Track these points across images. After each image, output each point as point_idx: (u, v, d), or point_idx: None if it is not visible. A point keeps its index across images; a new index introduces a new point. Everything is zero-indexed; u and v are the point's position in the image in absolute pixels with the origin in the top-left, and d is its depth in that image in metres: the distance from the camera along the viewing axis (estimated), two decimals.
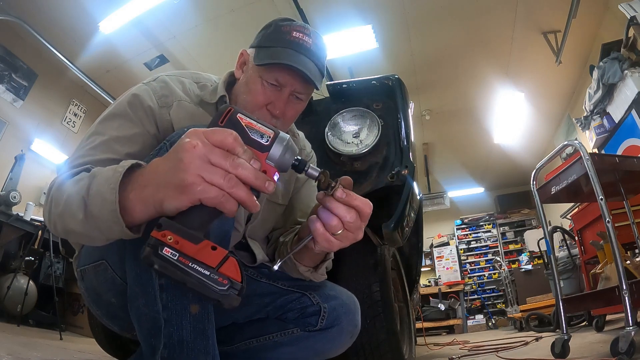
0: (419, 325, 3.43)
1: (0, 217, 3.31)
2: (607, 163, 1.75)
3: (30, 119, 4.52)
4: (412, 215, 1.36)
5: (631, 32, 3.39)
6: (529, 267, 5.84)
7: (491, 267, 8.09)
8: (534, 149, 6.56)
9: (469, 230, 8.75)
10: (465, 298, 6.79)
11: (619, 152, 3.62)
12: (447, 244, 8.17)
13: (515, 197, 8.52)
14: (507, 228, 8.51)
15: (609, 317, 2.79)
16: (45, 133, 4.69)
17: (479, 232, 8.66)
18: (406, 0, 4.14)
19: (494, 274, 7.90)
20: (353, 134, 1.43)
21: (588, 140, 4.24)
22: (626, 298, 1.42)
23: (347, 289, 0.96)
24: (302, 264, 0.81)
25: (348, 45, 4.44)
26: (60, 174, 0.68)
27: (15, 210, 3.48)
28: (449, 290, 6.24)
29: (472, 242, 8.64)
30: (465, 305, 6.50)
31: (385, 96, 1.52)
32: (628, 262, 1.89)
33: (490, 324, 6.38)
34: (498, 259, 7.55)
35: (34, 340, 2.59)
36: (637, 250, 2.26)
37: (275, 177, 0.55)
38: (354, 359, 1.29)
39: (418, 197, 1.50)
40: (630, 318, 1.38)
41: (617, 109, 3.66)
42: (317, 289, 0.91)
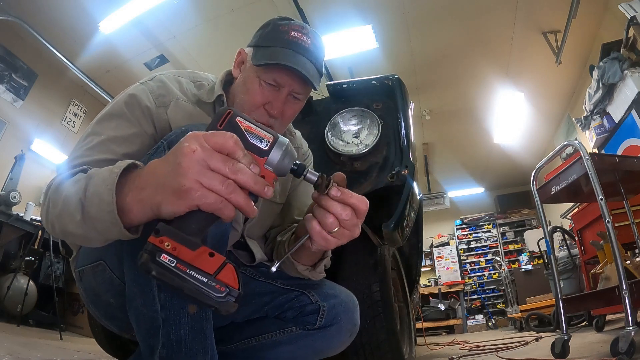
0: (419, 325, 3.43)
1: (0, 217, 3.31)
2: (607, 163, 1.75)
3: (30, 119, 4.53)
4: (412, 215, 1.36)
5: (631, 32, 3.38)
6: (529, 267, 5.84)
7: (491, 267, 8.08)
8: (534, 149, 6.56)
9: (469, 230, 8.74)
10: (465, 298, 6.79)
11: (619, 152, 3.62)
12: (447, 244, 8.17)
13: (515, 197, 8.52)
14: (507, 228, 8.51)
15: (609, 317, 2.79)
16: (45, 133, 4.69)
17: (479, 232, 8.66)
18: (406, 0, 4.14)
19: (494, 274, 7.90)
20: (353, 134, 1.43)
21: (588, 140, 4.24)
22: (626, 298, 1.42)
23: (347, 289, 0.96)
24: (300, 263, 0.81)
25: (348, 45, 4.44)
26: (58, 174, 0.68)
27: (15, 210, 3.48)
28: (449, 290, 6.24)
29: (472, 242, 8.64)
30: (465, 305, 6.49)
31: (385, 96, 1.51)
32: (628, 262, 1.88)
33: (490, 324, 6.38)
34: (498, 259, 7.55)
35: (34, 340, 2.58)
36: (637, 250, 2.26)
37: (273, 182, 0.55)
38: (353, 358, 1.28)
39: (418, 197, 1.49)
40: (630, 318, 1.38)
41: (617, 109, 3.65)
42: (316, 288, 0.90)
